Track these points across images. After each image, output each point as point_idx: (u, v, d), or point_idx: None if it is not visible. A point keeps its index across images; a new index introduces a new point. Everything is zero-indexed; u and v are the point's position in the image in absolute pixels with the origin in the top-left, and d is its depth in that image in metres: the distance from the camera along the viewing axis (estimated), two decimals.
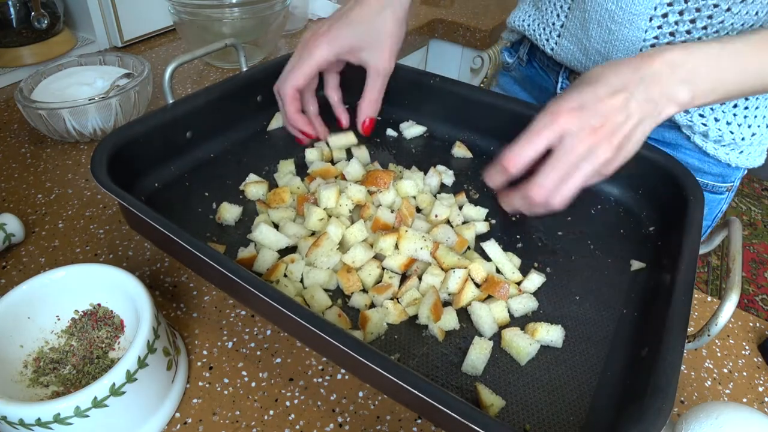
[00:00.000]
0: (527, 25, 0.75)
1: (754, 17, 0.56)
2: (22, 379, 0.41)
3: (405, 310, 0.50)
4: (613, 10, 0.61)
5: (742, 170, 0.72)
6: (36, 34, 0.91)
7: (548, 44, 0.72)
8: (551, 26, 0.71)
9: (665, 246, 0.56)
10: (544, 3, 0.71)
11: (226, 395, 0.45)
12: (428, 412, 0.40)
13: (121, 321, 0.45)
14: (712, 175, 0.71)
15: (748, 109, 0.65)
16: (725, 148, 0.67)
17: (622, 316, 0.51)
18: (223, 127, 0.69)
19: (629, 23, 0.60)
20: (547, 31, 0.71)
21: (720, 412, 0.38)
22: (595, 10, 0.63)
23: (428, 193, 0.63)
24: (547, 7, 0.71)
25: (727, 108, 0.64)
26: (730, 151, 0.67)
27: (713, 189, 0.72)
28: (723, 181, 0.72)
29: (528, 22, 0.75)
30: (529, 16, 0.75)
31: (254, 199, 0.62)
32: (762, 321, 0.56)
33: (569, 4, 0.67)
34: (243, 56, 0.69)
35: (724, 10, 0.56)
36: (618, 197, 0.65)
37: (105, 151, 0.53)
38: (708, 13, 0.57)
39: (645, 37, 0.61)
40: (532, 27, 0.74)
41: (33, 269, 0.57)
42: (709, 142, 0.66)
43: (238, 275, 0.41)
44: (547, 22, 0.71)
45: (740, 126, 0.65)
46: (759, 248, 2.21)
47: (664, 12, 0.59)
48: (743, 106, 0.65)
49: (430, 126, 0.75)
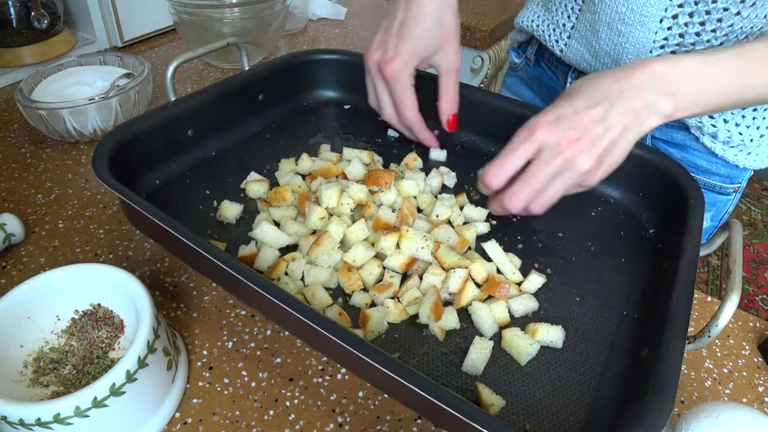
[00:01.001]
0: (536, 25, 0.75)
1: (763, 20, 0.56)
2: (22, 379, 0.41)
3: (406, 310, 0.50)
4: (623, 12, 0.61)
5: (749, 171, 0.71)
6: (36, 34, 0.91)
7: (557, 45, 0.72)
8: (561, 27, 0.71)
9: (666, 248, 0.56)
10: (554, 4, 0.71)
11: (226, 395, 0.45)
12: (429, 411, 0.40)
13: (121, 321, 0.45)
14: (719, 176, 0.70)
15: (757, 111, 0.65)
16: (734, 149, 0.67)
17: (622, 317, 0.51)
18: (225, 126, 0.69)
19: (640, 25, 0.60)
20: (557, 33, 0.71)
21: (720, 412, 0.38)
22: (606, 12, 0.63)
23: (429, 194, 0.63)
24: (557, 8, 0.71)
25: (736, 110, 0.64)
26: (738, 152, 0.67)
27: (720, 190, 0.72)
28: (731, 182, 0.71)
29: (537, 22, 0.75)
30: (538, 17, 0.75)
31: (255, 197, 0.63)
32: (762, 321, 0.56)
33: (580, 6, 0.67)
34: (245, 55, 0.69)
35: (733, 14, 0.56)
36: (618, 199, 0.65)
37: (106, 148, 0.53)
38: (717, 16, 0.57)
39: (654, 38, 0.61)
40: (541, 28, 0.74)
41: (33, 269, 0.57)
42: (718, 143, 0.66)
43: (240, 272, 0.41)
44: (557, 23, 0.71)
45: (749, 128, 0.65)
46: (759, 248, 2.21)
47: (674, 14, 0.58)
48: (752, 107, 0.64)
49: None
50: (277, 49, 1.10)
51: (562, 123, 0.47)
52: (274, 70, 0.73)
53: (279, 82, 0.75)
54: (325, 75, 0.79)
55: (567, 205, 0.64)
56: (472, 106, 0.70)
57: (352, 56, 0.77)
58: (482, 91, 0.71)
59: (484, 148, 0.72)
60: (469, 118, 0.72)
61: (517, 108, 0.67)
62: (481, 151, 0.72)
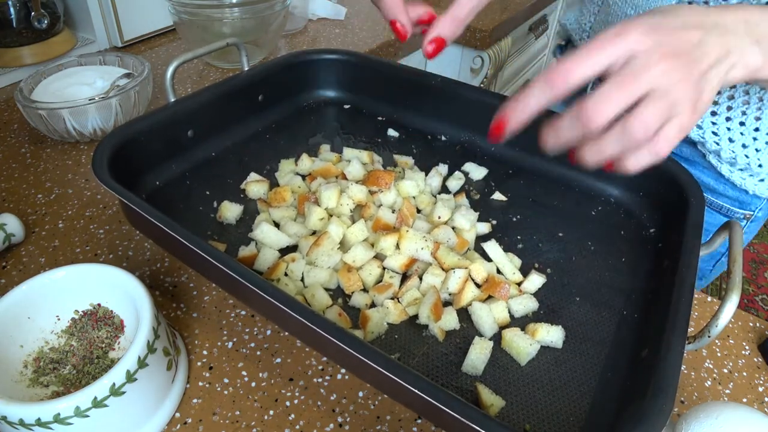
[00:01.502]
0: (569, 25, 0.77)
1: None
2: (22, 379, 0.41)
3: (405, 310, 0.50)
4: (631, 14, 0.61)
5: (763, 200, 0.67)
6: (36, 34, 0.91)
7: (579, 44, 0.73)
8: (583, 27, 0.72)
9: (666, 247, 0.56)
10: (585, 4, 0.73)
11: (226, 395, 0.45)
12: (428, 412, 0.40)
13: (121, 321, 0.45)
14: (727, 197, 0.67)
15: None
16: (741, 172, 0.63)
17: (622, 317, 0.51)
18: (225, 126, 0.69)
19: None
20: (580, 32, 0.72)
21: (720, 412, 0.38)
22: (617, 14, 0.63)
23: (428, 194, 0.63)
24: (584, 8, 0.73)
25: (747, 130, 0.61)
26: (747, 176, 0.63)
27: (728, 213, 0.69)
28: (740, 206, 0.68)
29: (570, 21, 0.77)
30: (572, 16, 0.77)
31: (255, 198, 0.63)
32: (762, 321, 0.56)
33: (599, 7, 0.68)
34: (245, 56, 0.69)
35: None
36: (618, 198, 0.65)
37: (106, 149, 0.53)
38: None
39: None
40: (573, 27, 0.76)
41: (33, 269, 0.57)
42: (724, 163, 0.63)
43: (239, 273, 0.41)
44: (581, 23, 0.72)
45: (759, 151, 0.61)
46: (759, 248, 2.21)
47: None
48: (765, 131, 0.61)
49: (431, 126, 0.75)
50: (277, 49, 1.10)
51: (659, 32, 0.37)
52: (274, 70, 0.73)
53: (279, 82, 0.75)
54: (325, 75, 0.79)
55: (567, 205, 0.64)
56: (473, 106, 0.70)
57: (352, 56, 0.77)
58: (482, 90, 0.71)
59: (484, 148, 0.72)
60: (470, 118, 0.72)
61: None
62: (481, 151, 0.72)
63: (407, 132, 0.75)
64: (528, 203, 0.64)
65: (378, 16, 1.29)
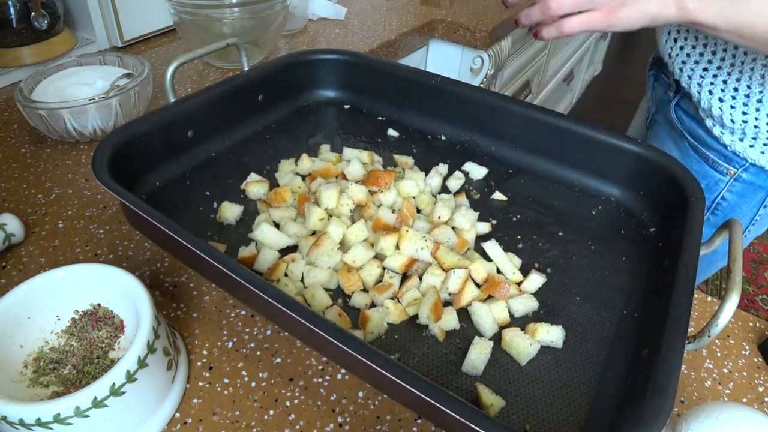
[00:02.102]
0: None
1: None
2: (22, 379, 0.41)
3: (405, 310, 0.50)
4: None
5: (747, 163, 0.71)
6: (36, 34, 0.91)
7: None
8: None
9: (666, 246, 0.56)
10: None
11: (226, 395, 0.45)
12: (428, 412, 0.40)
13: (121, 321, 0.45)
14: (714, 150, 0.72)
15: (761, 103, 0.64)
16: (722, 128, 0.68)
17: (622, 317, 0.51)
18: (225, 127, 0.69)
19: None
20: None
21: (720, 412, 0.38)
22: None
23: (428, 194, 0.63)
24: None
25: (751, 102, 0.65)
26: (732, 136, 0.68)
27: (713, 165, 0.73)
28: (725, 160, 0.72)
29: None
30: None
31: (255, 198, 0.63)
32: (762, 321, 0.56)
33: None
34: (245, 56, 0.69)
35: None
36: (618, 198, 0.65)
37: (106, 150, 0.53)
38: None
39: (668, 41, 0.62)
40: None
41: (33, 269, 0.57)
42: (708, 117, 0.68)
43: (239, 274, 0.41)
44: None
45: (734, 108, 0.66)
46: (759, 248, 2.21)
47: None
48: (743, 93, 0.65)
49: (431, 126, 0.75)
50: (277, 49, 1.10)
51: None
52: (273, 70, 0.73)
53: (279, 82, 0.75)
54: (325, 75, 0.79)
55: (567, 205, 0.64)
56: (473, 106, 0.70)
57: (352, 56, 0.77)
58: (482, 90, 0.71)
59: (484, 148, 0.72)
60: (470, 118, 0.72)
61: (517, 107, 0.67)
62: (481, 151, 0.72)
63: (407, 132, 0.75)
64: (528, 203, 0.64)
65: (378, 16, 1.29)
